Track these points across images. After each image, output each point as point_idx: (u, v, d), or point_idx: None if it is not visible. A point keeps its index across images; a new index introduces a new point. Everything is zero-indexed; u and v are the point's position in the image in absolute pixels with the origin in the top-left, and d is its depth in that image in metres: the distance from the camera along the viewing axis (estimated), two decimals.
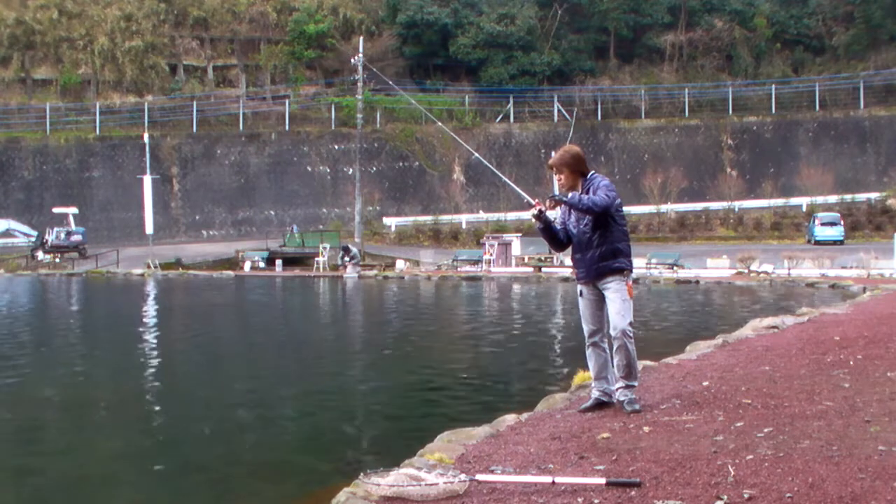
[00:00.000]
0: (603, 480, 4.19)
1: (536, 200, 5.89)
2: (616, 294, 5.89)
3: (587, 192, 5.87)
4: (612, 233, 5.91)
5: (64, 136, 51.52)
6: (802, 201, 49.25)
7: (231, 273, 37.30)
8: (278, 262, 40.95)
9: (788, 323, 11.70)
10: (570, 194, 5.90)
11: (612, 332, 5.88)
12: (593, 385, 6.13)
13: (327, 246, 40.39)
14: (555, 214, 6.08)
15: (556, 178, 6.04)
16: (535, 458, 4.79)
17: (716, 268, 33.01)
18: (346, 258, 36.63)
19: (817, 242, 41.63)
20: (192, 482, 5.97)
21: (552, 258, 35.71)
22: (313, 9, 58.40)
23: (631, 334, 5.88)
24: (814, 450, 4.67)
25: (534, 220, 5.91)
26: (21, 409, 8.51)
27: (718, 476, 4.25)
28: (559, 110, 56.24)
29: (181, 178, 52.21)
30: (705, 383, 6.93)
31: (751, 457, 4.57)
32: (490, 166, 7.91)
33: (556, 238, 6.08)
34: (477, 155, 8.94)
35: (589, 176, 5.99)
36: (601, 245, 5.90)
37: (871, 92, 55.83)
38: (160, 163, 50.22)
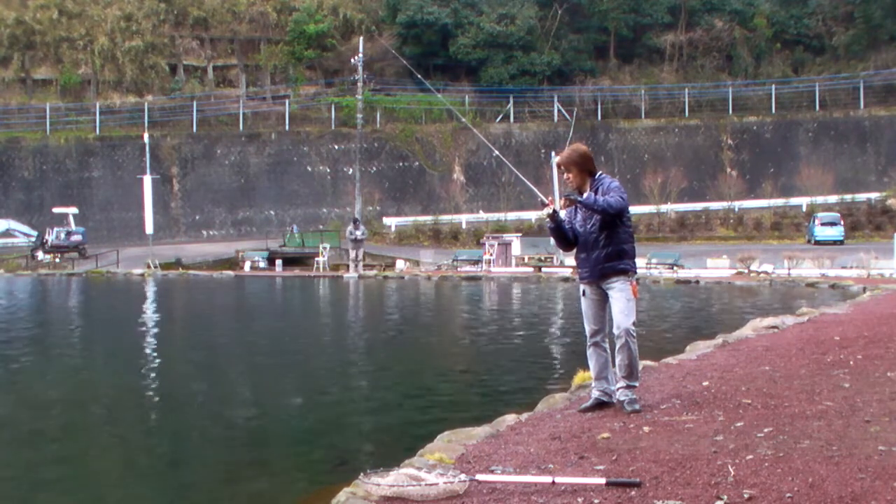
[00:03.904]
0: (603, 480, 4.19)
1: (550, 199, 5.88)
2: (620, 293, 5.89)
3: (596, 193, 5.87)
4: (619, 234, 5.91)
5: (64, 136, 51.52)
6: (802, 201, 49.24)
7: (231, 273, 37.27)
8: (278, 262, 40.93)
9: (788, 323, 11.70)
10: (584, 195, 5.89)
11: (616, 331, 5.88)
12: (593, 385, 6.14)
13: (327, 246, 40.37)
14: (562, 214, 6.08)
15: (564, 176, 6.01)
16: (535, 458, 4.80)
17: (716, 268, 32.99)
18: (356, 231, 35.30)
19: (817, 242, 41.61)
20: (191, 482, 5.97)
21: (552, 258, 35.70)
22: (313, 9, 58.40)
23: (634, 334, 5.89)
24: (814, 450, 4.67)
25: (547, 219, 5.91)
26: (19, 410, 8.51)
27: (718, 476, 4.25)
28: (559, 110, 56.23)
29: (181, 178, 52.21)
30: (705, 383, 6.94)
31: (751, 457, 4.58)
32: (511, 166, 7.94)
33: (566, 238, 6.06)
34: (498, 153, 9.00)
35: (597, 176, 5.98)
36: (607, 246, 5.90)
37: (871, 92, 55.83)
38: (160, 163, 50.22)
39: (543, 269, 34.25)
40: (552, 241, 6.44)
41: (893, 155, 53.95)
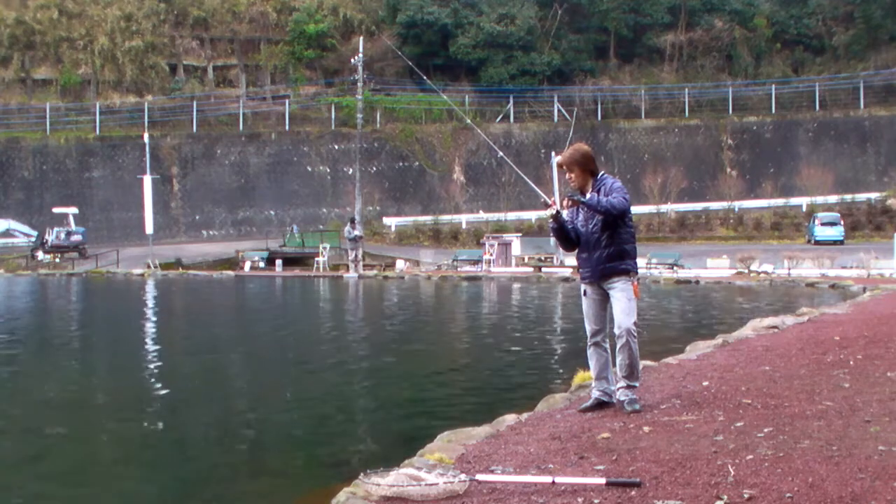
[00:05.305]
0: (603, 480, 4.19)
1: (553, 200, 5.86)
2: (622, 293, 5.89)
3: (598, 193, 5.86)
4: (620, 234, 5.90)
5: (64, 136, 51.52)
6: (802, 201, 49.26)
7: (231, 273, 37.28)
8: (278, 262, 40.92)
9: (788, 323, 11.70)
10: (587, 195, 5.88)
11: (617, 331, 5.88)
12: (594, 385, 6.13)
13: (327, 246, 40.38)
14: (564, 214, 6.07)
15: (567, 176, 6.00)
16: (535, 458, 4.80)
17: (716, 268, 32.98)
18: (353, 230, 35.30)
19: (817, 242, 41.61)
20: (191, 482, 5.97)
21: (552, 258, 35.70)
22: (313, 9, 58.40)
23: (635, 333, 5.88)
24: (814, 450, 4.67)
25: (550, 219, 5.89)
26: (19, 410, 8.51)
27: (718, 476, 4.25)
28: (559, 110, 56.24)
29: (181, 178, 52.21)
30: (705, 383, 6.94)
31: (751, 457, 4.58)
32: (514, 166, 7.89)
33: (568, 238, 6.05)
34: (502, 154, 8.92)
35: (599, 176, 5.98)
36: (609, 246, 5.89)
37: (871, 92, 55.83)
38: (160, 163, 50.21)
39: (543, 269, 34.25)
40: (552, 240, 6.46)
41: (893, 155, 53.96)
